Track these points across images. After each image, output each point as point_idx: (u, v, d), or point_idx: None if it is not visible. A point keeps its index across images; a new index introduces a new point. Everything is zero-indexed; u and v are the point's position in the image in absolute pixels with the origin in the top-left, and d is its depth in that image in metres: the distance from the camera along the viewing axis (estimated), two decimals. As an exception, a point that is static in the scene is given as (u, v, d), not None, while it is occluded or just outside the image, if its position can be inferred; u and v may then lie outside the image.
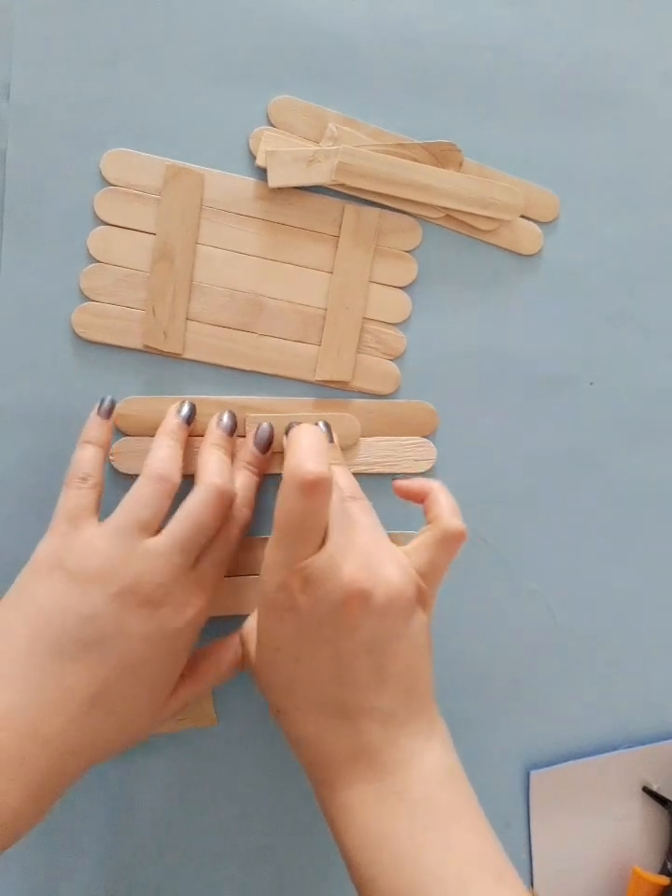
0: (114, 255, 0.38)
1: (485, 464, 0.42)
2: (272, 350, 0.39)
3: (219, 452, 0.36)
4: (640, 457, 0.45)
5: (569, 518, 0.44)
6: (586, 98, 0.43)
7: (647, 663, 0.45)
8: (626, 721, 0.44)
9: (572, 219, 0.43)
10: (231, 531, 0.35)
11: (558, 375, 0.43)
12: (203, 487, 0.34)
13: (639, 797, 0.44)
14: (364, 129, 0.40)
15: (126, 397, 0.38)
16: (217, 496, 0.33)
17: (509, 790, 0.42)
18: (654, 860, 0.44)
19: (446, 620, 0.41)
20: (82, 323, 0.37)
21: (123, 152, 0.38)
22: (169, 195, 0.38)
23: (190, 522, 0.33)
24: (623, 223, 0.44)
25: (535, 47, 0.43)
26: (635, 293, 0.44)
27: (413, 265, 0.41)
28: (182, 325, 0.38)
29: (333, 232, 0.40)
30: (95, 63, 0.38)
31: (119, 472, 0.38)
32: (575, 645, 0.43)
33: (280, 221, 0.39)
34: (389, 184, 0.39)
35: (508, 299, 0.43)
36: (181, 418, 0.37)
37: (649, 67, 0.45)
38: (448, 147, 0.40)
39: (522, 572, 0.43)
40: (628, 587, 0.44)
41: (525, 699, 0.43)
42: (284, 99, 0.39)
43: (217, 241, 0.39)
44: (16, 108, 0.37)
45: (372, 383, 0.41)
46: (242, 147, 0.39)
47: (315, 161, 0.39)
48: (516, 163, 0.42)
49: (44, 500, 0.37)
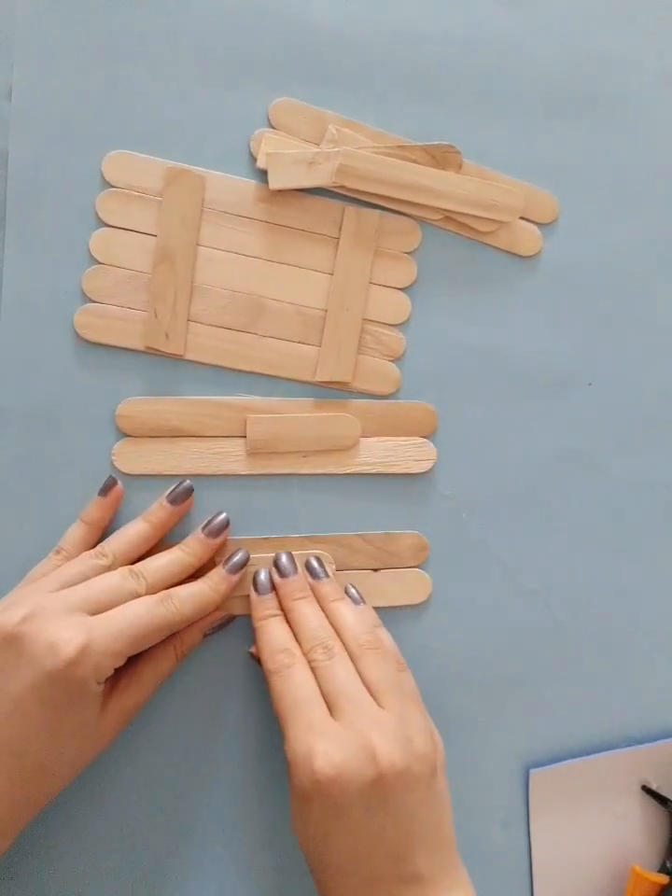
0: (116, 256, 0.38)
1: (485, 464, 0.43)
2: (272, 351, 0.40)
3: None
4: (640, 457, 0.45)
5: (569, 518, 0.44)
6: (586, 99, 0.44)
7: (647, 663, 0.45)
8: (626, 720, 0.44)
9: (571, 221, 0.43)
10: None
11: (558, 375, 0.44)
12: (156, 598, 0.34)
13: (639, 796, 0.44)
14: (364, 131, 0.40)
15: (127, 397, 0.38)
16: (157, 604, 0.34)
17: (508, 788, 0.42)
18: (654, 858, 0.44)
19: (446, 620, 0.41)
20: (84, 324, 0.38)
21: (124, 154, 0.38)
22: (170, 197, 0.38)
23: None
24: (623, 224, 0.44)
25: (535, 47, 0.43)
26: (635, 293, 0.45)
27: (413, 266, 0.41)
28: (183, 326, 0.38)
29: (333, 234, 0.40)
30: (97, 66, 0.38)
31: (121, 472, 0.38)
32: (575, 645, 0.44)
33: (280, 223, 0.39)
34: (389, 186, 0.40)
35: (507, 299, 0.43)
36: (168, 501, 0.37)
37: (649, 68, 0.45)
38: (448, 149, 0.41)
39: (522, 572, 0.43)
40: (628, 587, 0.44)
41: (525, 699, 0.43)
42: (284, 101, 0.39)
43: (217, 242, 0.39)
44: (18, 110, 0.37)
45: (372, 383, 0.41)
46: (242, 150, 0.39)
47: (316, 162, 0.39)
48: (516, 165, 0.42)
49: (43, 500, 0.38)
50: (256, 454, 0.39)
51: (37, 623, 0.31)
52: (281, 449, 0.39)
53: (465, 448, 0.42)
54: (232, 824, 0.39)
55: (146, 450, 0.38)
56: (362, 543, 0.40)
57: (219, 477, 0.39)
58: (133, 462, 0.38)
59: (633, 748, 0.44)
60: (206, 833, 0.39)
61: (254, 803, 0.39)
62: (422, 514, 0.41)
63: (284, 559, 0.37)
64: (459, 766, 0.41)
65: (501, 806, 0.42)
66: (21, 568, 0.36)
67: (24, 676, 0.30)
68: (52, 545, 0.37)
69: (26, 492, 0.37)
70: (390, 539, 0.41)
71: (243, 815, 0.39)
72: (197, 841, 0.39)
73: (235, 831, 0.39)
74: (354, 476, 0.40)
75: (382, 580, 0.40)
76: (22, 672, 0.30)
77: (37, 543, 0.37)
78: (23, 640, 0.31)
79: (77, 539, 0.36)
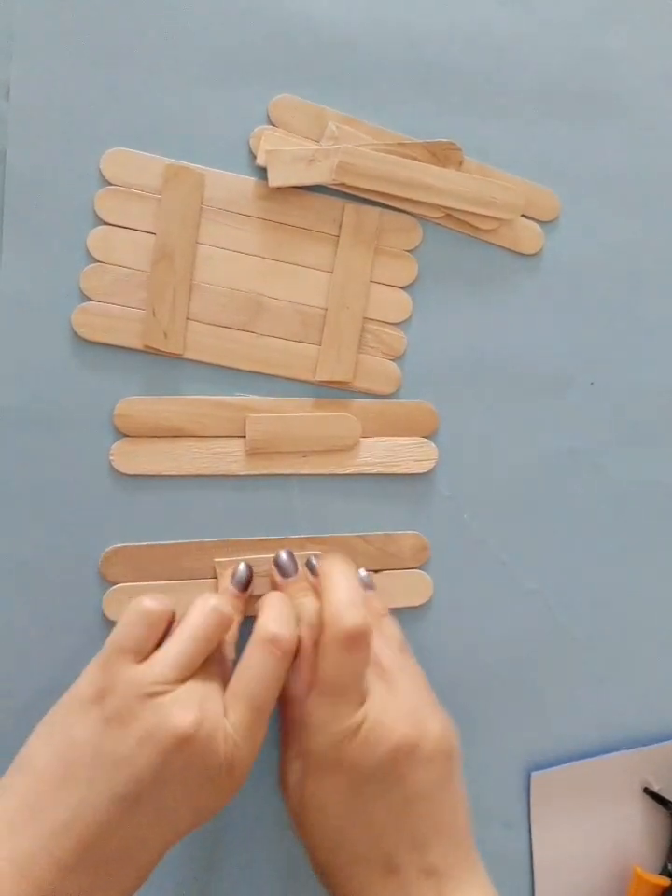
0: (114, 255, 0.37)
1: (485, 464, 0.42)
2: (272, 350, 0.39)
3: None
4: (640, 457, 0.45)
5: (569, 518, 0.44)
6: (586, 98, 0.43)
7: (647, 663, 0.45)
8: (627, 721, 0.44)
9: (573, 219, 0.43)
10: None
11: (558, 375, 0.43)
12: (201, 605, 0.32)
13: (640, 798, 0.44)
14: (364, 128, 0.40)
15: (126, 397, 0.38)
16: (217, 616, 0.32)
17: (510, 791, 0.42)
18: (655, 860, 0.44)
19: (447, 620, 0.41)
20: (82, 323, 0.37)
21: (123, 151, 0.38)
22: (169, 195, 0.38)
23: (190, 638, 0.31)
24: (624, 222, 0.44)
25: (536, 44, 0.43)
26: (635, 293, 0.44)
27: (414, 265, 0.41)
28: (182, 325, 0.38)
29: (333, 232, 0.40)
30: (95, 63, 0.38)
31: (118, 473, 0.38)
32: (575, 645, 0.43)
33: (280, 221, 0.39)
34: (389, 183, 0.39)
35: (508, 298, 0.43)
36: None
37: (649, 67, 0.45)
38: (448, 146, 0.40)
39: (522, 572, 0.43)
40: (628, 587, 0.44)
41: (526, 699, 0.42)
42: (284, 98, 0.39)
43: (217, 240, 0.39)
44: (16, 108, 0.37)
45: (373, 383, 0.41)
46: (242, 147, 0.39)
47: (316, 160, 0.39)
48: (517, 163, 0.42)
49: (41, 500, 0.37)
50: (255, 453, 0.39)
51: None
52: (281, 449, 0.39)
53: (466, 448, 0.42)
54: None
55: (144, 450, 0.38)
56: (362, 544, 0.40)
57: (219, 477, 0.39)
58: (132, 462, 0.38)
59: (634, 749, 0.44)
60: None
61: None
62: (422, 515, 0.41)
63: (284, 557, 0.37)
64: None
65: (503, 808, 0.42)
66: (22, 568, 0.36)
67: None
68: (51, 545, 0.37)
69: (24, 492, 0.37)
70: (391, 540, 0.40)
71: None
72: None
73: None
74: (354, 476, 0.40)
75: (382, 581, 0.40)
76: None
77: (36, 543, 0.37)
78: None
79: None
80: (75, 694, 0.30)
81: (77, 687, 0.31)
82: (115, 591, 0.37)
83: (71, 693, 0.30)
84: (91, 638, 0.37)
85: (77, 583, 0.37)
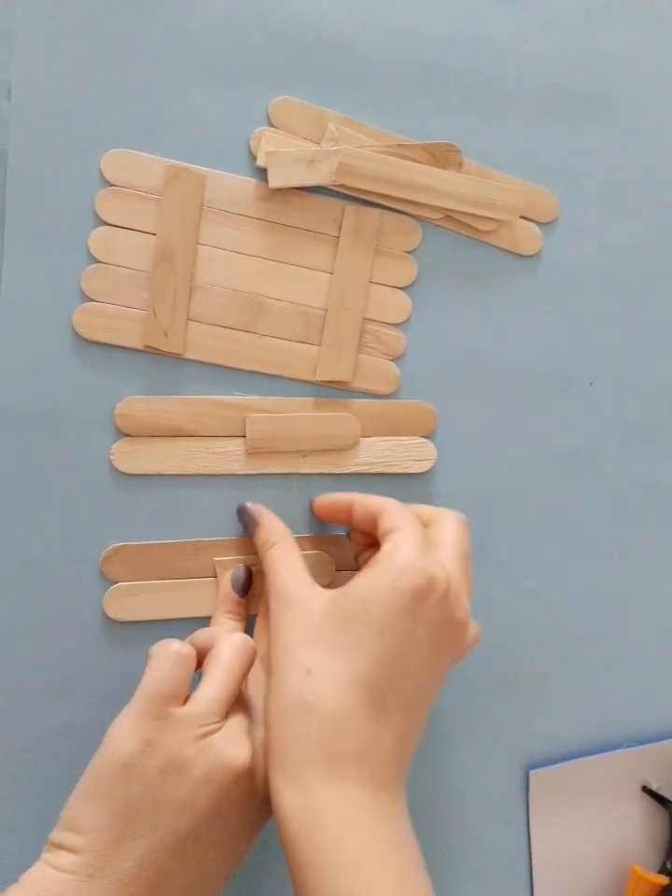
0: (115, 255, 0.38)
1: (485, 464, 0.42)
2: (272, 350, 0.39)
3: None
4: (640, 457, 0.45)
5: (569, 518, 0.44)
6: (586, 98, 0.44)
7: (647, 663, 0.45)
8: (626, 720, 0.44)
9: (572, 220, 0.43)
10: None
11: (558, 375, 0.44)
12: (230, 641, 0.33)
13: (639, 797, 0.44)
14: (364, 129, 0.40)
15: (126, 396, 0.38)
16: (248, 650, 0.33)
17: (508, 789, 0.42)
18: (654, 859, 0.44)
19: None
20: (83, 323, 0.37)
21: (124, 152, 0.38)
22: (170, 195, 0.38)
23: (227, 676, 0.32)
24: (623, 223, 0.44)
25: (535, 47, 0.43)
26: (634, 293, 0.45)
27: (413, 265, 0.41)
28: (183, 325, 0.38)
29: (333, 233, 0.40)
30: (96, 63, 0.38)
31: (119, 472, 0.38)
32: (575, 645, 0.43)
33: (280, 222, 0.39)
34: (389, 184, 0.39)
35: (507, 299, 0.43)
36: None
37: (649, 67, 0.45)
38: (448, 148, 0.41)
39: (522, 572, 0.43)
40: (628, 587, 0.44)
41: (525, 699, 0.43)
42: (284, 100, 0.39)
43: (217, 241, 0.39)
44: (17, 108, 0.37)
45: (372, 383, 0.41)
46: (242, 148, 0.39)
47: (316, 161, 0.39)
48: (516, 164, 0.42)
49: (42, 500, 0.37)
50: (255, 453, 0.39)
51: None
52: (281, 448, 0.39)
53: (465, 448, 0.42)
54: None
55: (145, 449, 0.38)
56: (362, 543, 0.40)
57: (219, 476, 0.39)
58: (133, 461, 0.38)
59: (633, 748, 0.44)
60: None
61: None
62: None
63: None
64: (460, 766, 0.41)
65: (502, 806, 0.42)
66: (21, 568, 0.36)
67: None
68: (51, 544, 0.37)
69: (25, 491, 0.37)
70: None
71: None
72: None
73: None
74: (354, 476, 0.40)
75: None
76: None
77: (36, 542, 0.37)
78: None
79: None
80: (114, 750, 0.30)
81: (114, 742, 0.30)
82: (115, 590, 0.37)
83: (110, 749, 0.30)
84: (92, 638, 0.37)
85: (78, 582, 0.37)
